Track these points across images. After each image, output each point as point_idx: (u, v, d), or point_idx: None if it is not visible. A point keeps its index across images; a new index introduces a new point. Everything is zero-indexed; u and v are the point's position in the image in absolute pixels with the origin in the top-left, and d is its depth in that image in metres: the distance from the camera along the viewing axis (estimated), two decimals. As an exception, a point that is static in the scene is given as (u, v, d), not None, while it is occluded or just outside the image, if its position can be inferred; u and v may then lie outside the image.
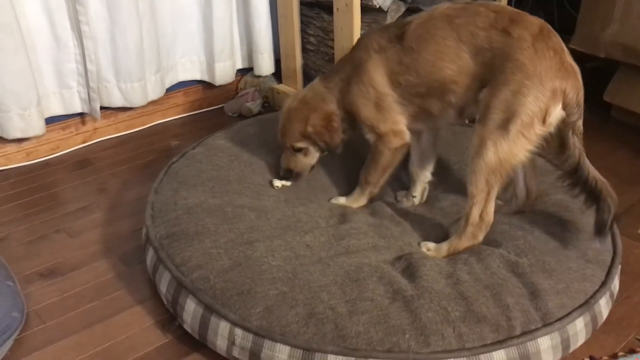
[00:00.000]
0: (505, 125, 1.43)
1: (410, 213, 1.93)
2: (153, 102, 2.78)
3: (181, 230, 1.76)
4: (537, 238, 1.70)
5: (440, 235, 1.79)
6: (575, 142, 1.49)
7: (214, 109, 3.02)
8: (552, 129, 1.47)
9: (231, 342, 1.50)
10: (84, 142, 2.69)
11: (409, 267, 1.61)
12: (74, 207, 2.25)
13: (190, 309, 1.58)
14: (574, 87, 1.45)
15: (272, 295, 1.52)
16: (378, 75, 1.64)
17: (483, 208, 1.56)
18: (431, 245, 1.71)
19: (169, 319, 1.69)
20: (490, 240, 1.70)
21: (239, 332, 1.49)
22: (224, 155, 2.14)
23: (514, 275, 1.58)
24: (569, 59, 1.47)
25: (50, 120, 2.55)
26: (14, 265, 1.89)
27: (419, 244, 1.74)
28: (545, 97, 1.40)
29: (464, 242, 1.63)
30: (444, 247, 1.67)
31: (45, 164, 2.55)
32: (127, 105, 2.67)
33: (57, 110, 2.56)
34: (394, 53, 1.61)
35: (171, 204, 1.89)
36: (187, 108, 2.96)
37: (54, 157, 2.59)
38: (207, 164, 2.09)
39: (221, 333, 1.51)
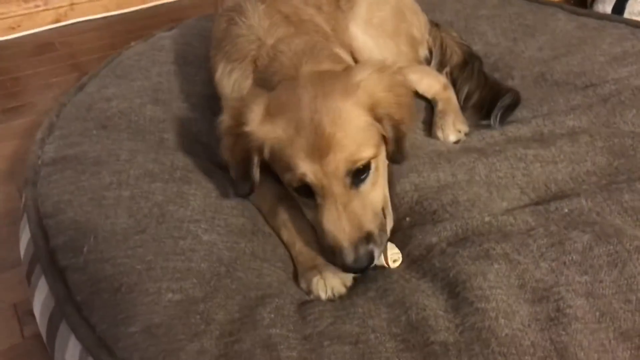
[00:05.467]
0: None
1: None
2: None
3: (76, 155, 1.05)
4: None
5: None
6: None
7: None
8: None
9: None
10: (56, 21, 1.99)
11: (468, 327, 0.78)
12: (-1, 109, 1.59)
13: (40, 301, 0.87)
14: None
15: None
16: None
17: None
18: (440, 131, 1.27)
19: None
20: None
21: None
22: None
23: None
24: None
25: (7, -12, 1.88)
26: None
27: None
28: None
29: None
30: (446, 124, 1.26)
31: (-1, 46, 1.90)
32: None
33: (14, -29, 1.87)
34: None
35: (83, 110, 1.16)
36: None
37: (9, 40, 1.92)
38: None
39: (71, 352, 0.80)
